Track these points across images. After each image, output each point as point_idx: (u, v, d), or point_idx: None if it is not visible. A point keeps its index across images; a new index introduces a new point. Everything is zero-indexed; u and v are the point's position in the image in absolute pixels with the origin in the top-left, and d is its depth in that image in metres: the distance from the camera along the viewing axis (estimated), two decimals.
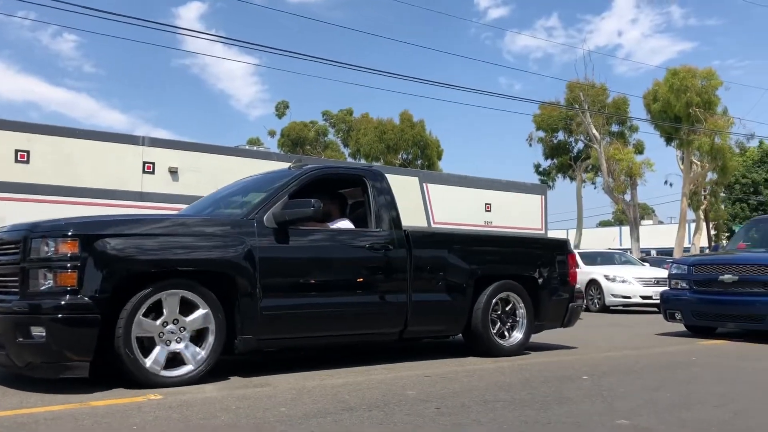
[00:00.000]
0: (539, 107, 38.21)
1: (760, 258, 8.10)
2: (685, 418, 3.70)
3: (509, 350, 6.16)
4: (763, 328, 7.64)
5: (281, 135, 52.69)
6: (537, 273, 6.48)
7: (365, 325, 5.57)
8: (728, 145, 30.43)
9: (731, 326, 8.30)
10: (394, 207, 5.82)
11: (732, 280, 7.85)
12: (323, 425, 3.44)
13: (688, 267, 8.56)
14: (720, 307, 7.93)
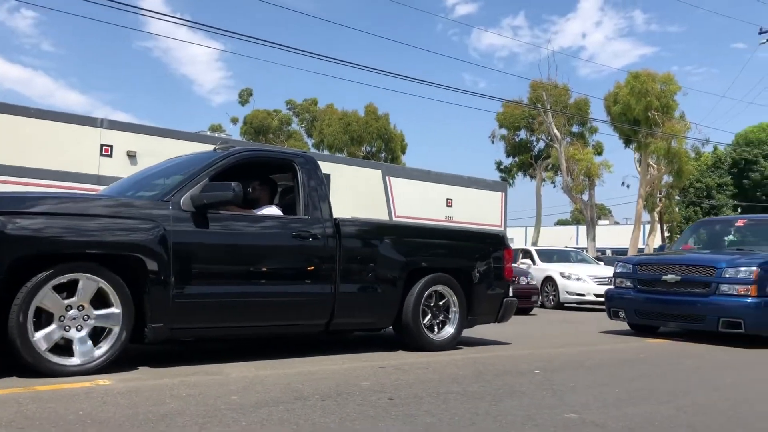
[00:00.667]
0: (503, 105, 38.57)
1: (702, 259, 8.17)
2: (631, 413, 3.79)
3: (440, 344, 6.05)
4: (703, 328, 7.71)
5: (244, 122, 52.10)
6: (471, 267, 6.35)
7: (288, 316, 5.36)
8: (684, 149, 31.18)
9: (673, 326, 8.43)
10: (325, 195, 5.66)
11: (674, 280, 7.91)
12: (274, 414, 3.42)
13: (633, 266, 8.59)
14: (662, 307, 8.02)
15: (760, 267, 7.46)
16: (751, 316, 7.29)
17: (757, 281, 7.36)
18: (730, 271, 7.54)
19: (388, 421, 3.35)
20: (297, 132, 53.13)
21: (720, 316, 7.44)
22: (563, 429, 3.33)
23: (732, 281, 7.48)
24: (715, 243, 9.58)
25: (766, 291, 7.38)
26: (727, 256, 8.15)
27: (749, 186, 46.98)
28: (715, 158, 49.51)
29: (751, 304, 7.31)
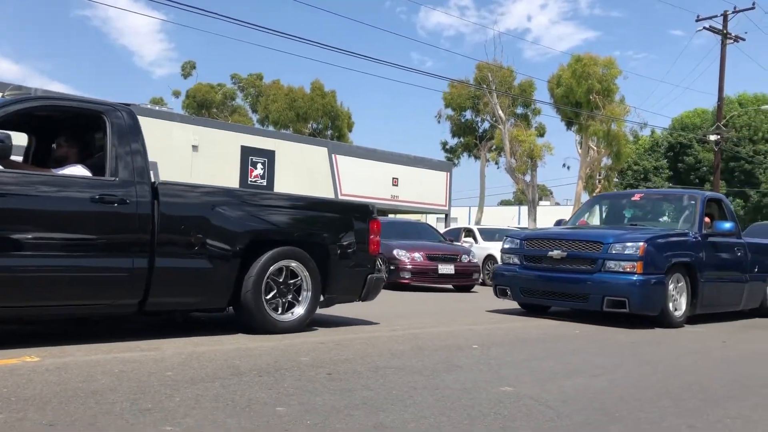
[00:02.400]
0: (449, 85, 38.78)
1: (589, 234, 7.69)
2: (565, 386, 3.88)
3: (287, 327, 5.42)
4: (587, 307, 7.27)
5: (186, 96, 50.89)
6: (327, 240, 5.74)
7: (90, 294, 4.56)
8: (623, 132, 31.98)
9: (561, 305, 7.87)
10: (141, 154, 4.86)
11: (560, 256, 7.38)
12: (210, 390, 3.36)
13: (521, 241, 8.00)
14: (548, 284, 7.52)
15: (648, 243, 7.05)
16: (636, 295, 6.89)
17: (643, 258, 6.94)
18: (616, 247, 7.11)
19: (326, 396, 3.34)
20: (241, 107, 52.23)
21: (604, 294, 7.01)
22: (498, 402, 3.38)
23: (618, 258, 7.04)
24: (614, 218, 9.17)
25: (652, 268, 7.02)
26: (616, 231, 7.68)
27: (683, 169, 48.66)
28: (653, 142, 51.05)
29: (637, 281, 6.90)
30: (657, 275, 7.03)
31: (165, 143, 24.59)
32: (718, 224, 8.14)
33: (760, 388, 4.15)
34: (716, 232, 8.08)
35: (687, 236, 7.78)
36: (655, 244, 7.15)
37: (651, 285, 6.97)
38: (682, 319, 7.39)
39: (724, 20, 26.58)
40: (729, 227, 8.11)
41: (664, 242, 7.37)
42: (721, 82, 26.52)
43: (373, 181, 31.75)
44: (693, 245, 7.71)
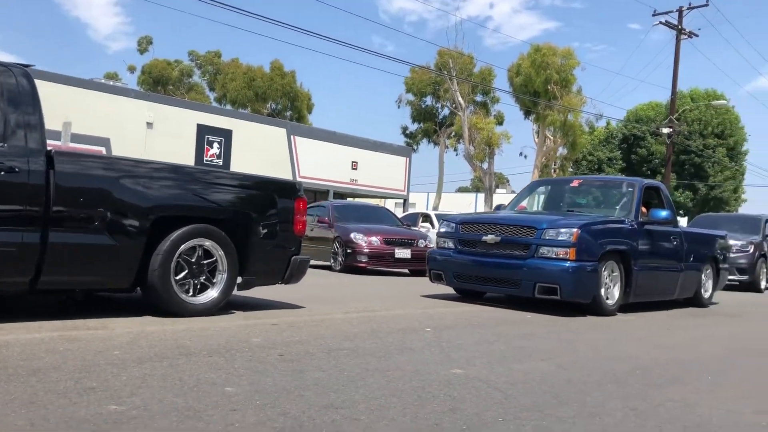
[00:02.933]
0: (410, 70, 38.74)
1: (524, 219, 7.53)
2: (514, 369, 3.94)
3: (199, 309, 5.12)
4: (520, 293, 7.14)
5: (142, 72, 49.71)
6: (247, 218, 5.43)
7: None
8: (579, 123, 32.52)
9: (494, 290, 7.73)
10: (36, 119, 4.51)
11: (494, 241, 7.22)
12: (158, 369, 3.31)
13: (456, 225, 7.78)
14: (481, 270, 7.34)
15: (582, 229, 6.92)
16: (567, 282, 6.75)
17: (577, 244, 6.82)
18: (550, 233, 6.96)
19: (277, 376, 3.32)
20: (199, 85, 51.30)
21: (536, 280, 6.87)
22: (448, 384, 3.42)
23: (552, 244, 6.91)
24: (553, 204, 9.04)
25: (586, 255, 6.90)
26: (550, 217, 7.59)
27: (636, 161, 49.76)
28: (607, 133, 52.00)
29: (569, 268, 6.75)
30: (590, 262, 6.92)
31: (118, 119, 24.01)
32: (654, 212, 8.07)
33: (700, 372, 4.29)
34: (652, 220, 8.01)
35: (623, 224, 7.68)
36: (590, 230, 7.05)
37: (583, 272, 6.85)
38: (615, 307, 7.32)
39: (679, 16, 27.15)
40: (665, 215, 8.04)
41: (598, 229, 7.26)
42: (674, 77, 27.14)
43: (333, 164, 31.62)
44: (628, 233, 7.62)
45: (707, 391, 3.75)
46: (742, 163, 49.00)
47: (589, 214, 8.19)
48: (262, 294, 6.91)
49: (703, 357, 5.03)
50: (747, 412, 3.30)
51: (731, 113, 47.93)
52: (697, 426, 2.98)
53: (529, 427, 2.78)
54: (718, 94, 47.52)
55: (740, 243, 13.92)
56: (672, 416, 3.12)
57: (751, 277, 13.78)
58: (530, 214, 8.25)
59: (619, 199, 8.55)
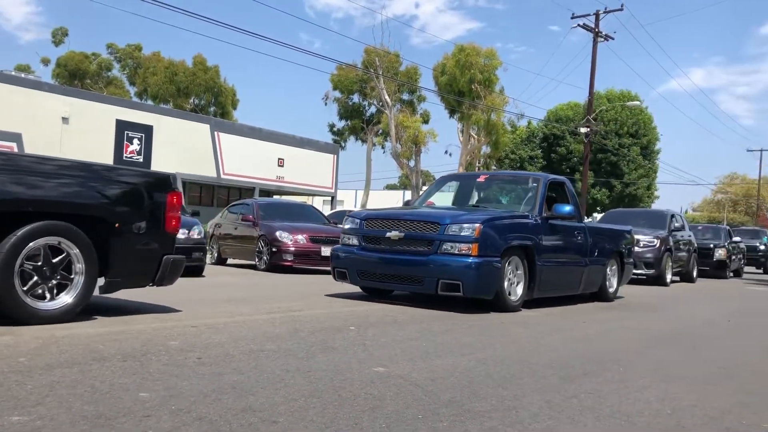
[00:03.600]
0: (337, 68, 38.65)
1: (427, 214, 7.42)
2: (435, 365, 3.99)
3: (51, 316, 4.63)
4: (423, 290, 7.02)
5: (57, 65, 47.67)
6: (109, 214, 4.93)
7: None
8: (502, 122, 33.27)
9: (398, 288, 7.59)
10: None
11: (398, 237, 7.05)
12: (67, 376, 3.17)
13: (360, 221, 7.54)
14: (385, 267, 7.17)
15: (484, 224, 6.85)
16: (470, 278, 6.68)
17: (479, 239, 6.74)
18: (453, 228, 6.85)
19: (194, 380, 3.24)
20: (118, 79, 49.64)
21: (439, 277, 6.78)
22: (370, 383, 3.43)
23: (454, 239, 6.80)
24: (462, 200, 8.88)
25: (488, 250, 6.83)
26: (454, 212, 7.54)
27: (556, 159, 51.34)
28: (529, 132, 53.43)
29: (472, 264, 6.67)
30: (493, 258, 6.86)
31: (31, 113, 22.94)
32: (557, 207, 8.00)
33: (612, 363, 4.47)
34: (555, 215, 7.96)
35: (527, 218, 7.67)
36: (493, 225, 6.99)
37: (486, 268, 6.76)
38: (519, 303, 7.30)
39: (596, 19, 28.17)
40: (568, 210, 7.96)
41: (501, 224, 7.20)
42: (591, 78, 28.14)
43: (258, 161, 31.20)
44: (532, 228, 7.61)
45: (618, 381, 3.90)
46: (655, 161, 51.36)
47: (494, 209, 8.15)
48: (180, 295, 6.76)
49: (616, 348, 5.24)
50: (653, 400, 3.46)
51: (645, 114, 50.13)
52: (608, 416, 3.10)
53: (447, 422, 2.82)
54: (633, 95, 49.62)
55: (647, 238, 14.23)
56: (584, 407, 3.23)
57: (657, 271, 14.08)
58: (435, 209, 8.07)
59: (524, 194, 8.54)
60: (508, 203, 8.78)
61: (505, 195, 9.09)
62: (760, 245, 26.15)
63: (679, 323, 7.42)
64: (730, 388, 3.90)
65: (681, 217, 17.10)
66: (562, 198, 8.79)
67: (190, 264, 10.13)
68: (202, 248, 10.26)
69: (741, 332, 6.97)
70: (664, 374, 4.20)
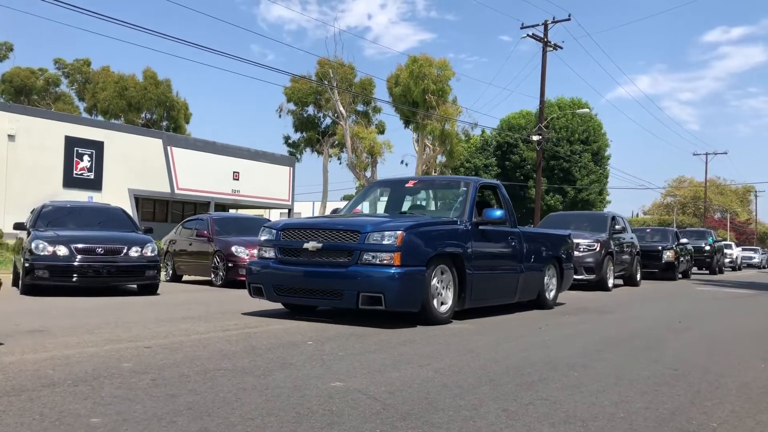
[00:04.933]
0: (291, 80, 38.58)
1: (347, 223, 6.88)
2: (393, 378, 3.99)
3: None
4: (342, 305, 6.54)
5: (2, 80, 46.38)
6: None
7: None
8: (456, 131, 33.65)
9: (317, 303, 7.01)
10: None
11: (316, 248, 6.53)
12: (15, 404, 3.07)
13: (277, 232, 6.97)
14: (303, 281, 6.62)
15: (407, 231, 6.41)
16: (392, 289, 6.20)
17: (402, 248, 6.29)
18: (375, 237, 6.38)
19: (147, 403, 3.18)
20: (67, 94, 48.58)
21: (359, 290, 6.26)
22: (328, 398, 3.41)
23: (376, 248, 6.32)
24: (393, 207, 8.40)
25: (412, 259, 6.39)
26: (375, 219, 7.04)
27: (510, 167, 52.08)
28: (483, 141, 54.13)
29: (394, 275, 6.19)
30: (417, 267, 6.42)
31: None
32: (487, 212, 7.61)
33: (568, 369, 4.54)
34: (486, 220, 7.55)
35: (455, 224, 7.24)
36: (417, 233, 6.57)
37: (410, 278, 6.32)
38: (448, 314, 6.88)
39: (545, 29, 28.75)
40: (499, 215, 7.57)
41: (427, 231, 6.77)
42: (542, 87, 28.68)
43: (213, 174, 30.86)
44: (462, 234, 7.18)
45: (573, 386, 3.97)
46: (606, 167, 52.56)
47: (422, 215, 7.73)
48: (134, 315, 6.63)
49: (571, 354, 5.32)
50: (607, 404, 3.52)
51: (594, 120, 51.30)
52: (563, 422, 3.15)
53: None
54: (583, 103, 50.74)
55: (587, 242, 13.76)
56: (540, 414, 3.28)
57: (598, 275, 13.58)
58: (356, 217, 7.60)
59: (455, 199, 8.15)
60: (440, 209, 8.42)
61: (436, 200, 8.72)
62: (706, 246, 26.57)
63: (627, 326, 7.59)
64: (680, 389, 4.01)
65: (622, 219, 16.79)
66: (497, 203, 8.45)
67: (143, 282, 9.99)
68: (155, 266, 10.07)
69: (691, 334, 7.16)
70: (617, 377, 4.29)
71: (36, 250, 9.50)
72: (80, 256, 9.58)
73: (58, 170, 24.90)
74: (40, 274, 9.41)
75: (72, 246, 9.61)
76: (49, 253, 9.51)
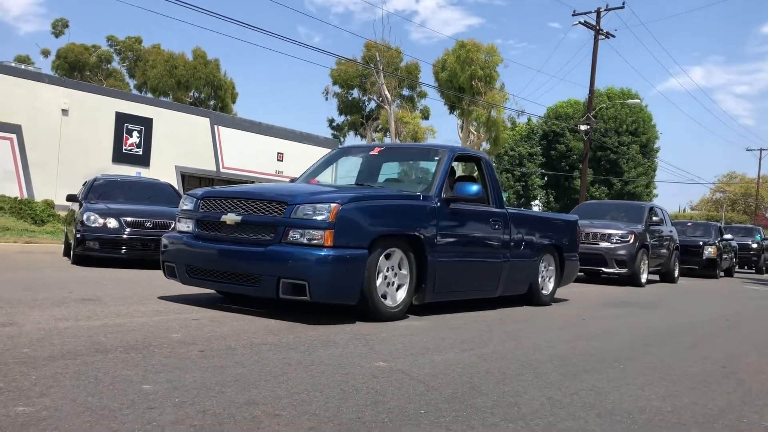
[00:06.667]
0: (337, 62, 38.63)
1: (274, 191, 5.56)
2: (436, 361, 4.00)
3: None
4: (260, 293, 5.20)
5: (57, 56, 47.59)
6: None
7: None
8: (502, 119, 33.29)
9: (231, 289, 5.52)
10: None
11: (235, 222, 5.32)
12: (70, 367, 3.17)
13: (197, 201, 5.73)
14: (218, 261, 5.39)
15: (345, 204, 5.16)
16: (320, 276, 4.96)
17: (335, 225, 5.02)
18: (305, 210, 5.11)
19: (197, 373, 3.25)
20: (118, 71, 49.57)
21: (280, 275, 5.02)
22: (372, 377, 3.43)
23: (305, 224, 5.07)
24: (361, 179, 7.06)
25: (350, 240, 5.13)
26: (310, 188, 5.93)
27: (555, 157, 51.36)
28: (528, 129, 53.42)
29: (324, 257, 4.95)
30: (355, 250, 5.16)
31: (31, 105, 22.93)
32: (460, 187, 6.29)
33: (613, 361, 4.48)
34: (458, 196, 6.26)
35: (416, 200, 5.97)
36: (359, 207, 5.30)
37: (344, 263, 5.06)
38: (399, 309, 5.64)
39: (597, 17, 28.15)
40: (475, 191, 6.24)
41: (374, 206, 5.47)
42: (592, 75, 28.13)
43: (257, 154, 31.18)
44: (425, 212, 5.92)
45: (619, 378, 3.92)
46: (654, 159, 51.42)
47: (374, 188, 6.49)
48: (179, 288, 6.76)
49: (616, 346, 5.25)
50: (654, 398, 3.47)
51: (644, 112, 50.16)
52: (609, 413, 3.11)
53: (450, 417, 2.83)
54: (633, 93, 49.64)
55: (620, 232, 12.90)
56: (585, 404, 3.24)
57: (630, 269, 12.70)
58: (291, 186, 6.44)
59: (425, 170, 7.01)
60: (412, 183, 6.97)
61: (410, 173, 7.47)
62: (753, 243, 25.40)
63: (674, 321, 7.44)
64: (730, 387, 3.92)
65: (662, 210, 15.72)
66: (481, 179, 7.11)
67: None
68: None
69: (740, 332, 6.98)
70: (664, 372, 4.22)
71: (87, 221, 9.77)
72: (129, 229, 9.82)
73: (108, 145, 25.47)
74: (91, 245, 9.68)
75: (122, 219, 9.85)
76: (99, 225, 9.77)
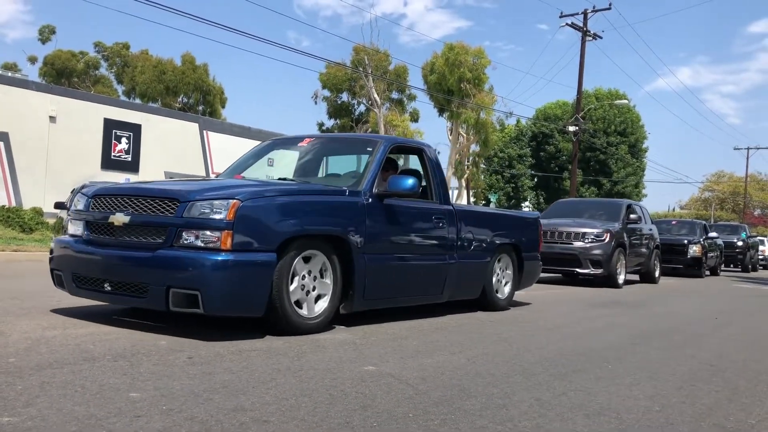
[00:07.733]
0: (326, 66, 38.66)
1: (167, 188, 4.75)
2: (425, 364, 4.00)
3: None
4: (149, 305, 4.51)
5: (44, 63, 47.39)
6: None
7: None
8: (491, 121, 33.37)
9: (113, 300, 4.89)
10: None
11: (122, 223, 4.61)
12: (57, 376, 3.16)
13: (88, 199, 5.00)
14: (102, 269, 4.69)
15: (246, 201, 4.46)
16: (215, 285, 4.26)
17: (234, 225, 4.33)
18: (199, 208, 4.41)
19: (184, 380, 3.24)
20: (106, 77, 49.39)
21: (170, 284, 4.33)
22: (360, 382, 3.44)
23: (199, 225, 4.38)
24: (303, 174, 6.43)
25: (253, 242, 4.44)
26: (208, 184, 5.10)
27: (545, 158, 51.57)
28: (518, 131, 53.61)
29: (219, 263, 4.25)
30: (261, 253, 4.47)
31: (18, 112, 22.78)
32: (393, 181, 5.56)
33: (601, 361, 4.50)
34: (390, 191, 5.54)
35: (341, 195, 5.30)
36: (265, 204, 4.59)
37: (245, 269, 4.37)
38: (319, 320, 4.92)
39: (584, 18, 28.30)
40: (409, 185, 5.46)
41: (283, 203, 4.73)
42: (580, 77, 28.27)
43: None
44: (351, 209, 5.24)
45: (607, 378, 3.93)
46: (643, 159, 51.73)
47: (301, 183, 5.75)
48: None
49: (605, 346, 5.27)
50: (642, 398, 3.49)
51: (632, 112, 50.46)
52: (597, 413, 3.13)
53: (438, 421, 2.83)
54: (620, 94, 49.93)
55: (594, 231, 12.21)
56: (574, 404, 3.26)
57: (606, 270, 12.02)
58: (190, 181, 5.77)
59: (358, 163, 6.34)
60: (348, 177, 6.06)
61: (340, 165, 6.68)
62: (738, 241, 25.29)
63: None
64: (718, 385, 3.94)
65: (641, 207, 15.08)
66: (424, 172, 6.52)
67: None
68: None
69: (728, 330, 7.03)
70: (652, 371, 4.24)
71: None
72: None
73: (96, 152, 25.34)
74: None
75: None
76: None
